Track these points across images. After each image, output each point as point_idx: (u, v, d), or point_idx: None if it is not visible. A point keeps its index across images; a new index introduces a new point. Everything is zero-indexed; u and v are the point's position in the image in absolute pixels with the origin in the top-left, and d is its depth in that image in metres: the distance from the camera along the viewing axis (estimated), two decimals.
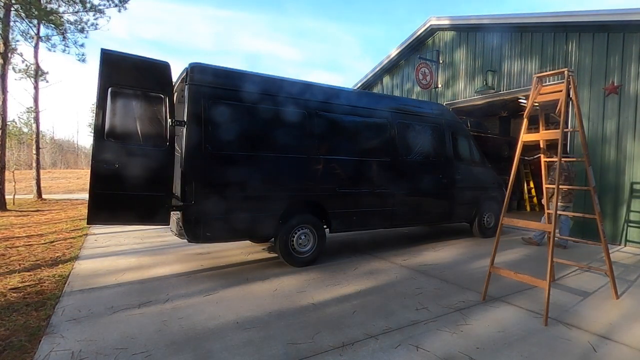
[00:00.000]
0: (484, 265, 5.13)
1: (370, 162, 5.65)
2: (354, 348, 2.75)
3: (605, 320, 3.30)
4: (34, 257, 5.33)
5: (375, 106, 5.87)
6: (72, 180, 27.89)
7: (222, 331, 3.01)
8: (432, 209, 6.46)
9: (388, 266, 5.05)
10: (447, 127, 6.63)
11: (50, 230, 7.60)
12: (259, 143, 4.72)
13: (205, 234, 4.38)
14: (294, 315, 3.34)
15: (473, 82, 9.32)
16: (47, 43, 14.03)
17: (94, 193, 3.87)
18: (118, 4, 13.98)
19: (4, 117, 11.48)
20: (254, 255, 5.63)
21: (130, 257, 5.42)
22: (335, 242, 6.44)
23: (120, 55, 4.02)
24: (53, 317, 3.26)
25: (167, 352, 2.68)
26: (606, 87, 6.73)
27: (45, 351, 2.68)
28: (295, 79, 5.29)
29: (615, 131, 6.66)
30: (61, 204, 13.22)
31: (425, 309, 3.50)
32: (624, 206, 6.50)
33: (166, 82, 4.16)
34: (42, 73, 14.39)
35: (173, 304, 3.60)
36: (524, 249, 6.20)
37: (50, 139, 49.66)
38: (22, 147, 39.58)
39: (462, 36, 9.65)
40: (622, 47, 6.53)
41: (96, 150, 3.86)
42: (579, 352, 2.73)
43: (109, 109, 3.89)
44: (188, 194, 4.24)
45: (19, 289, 3.98)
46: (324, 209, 5.15)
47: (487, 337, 2.94)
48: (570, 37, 7.28)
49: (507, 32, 8.41)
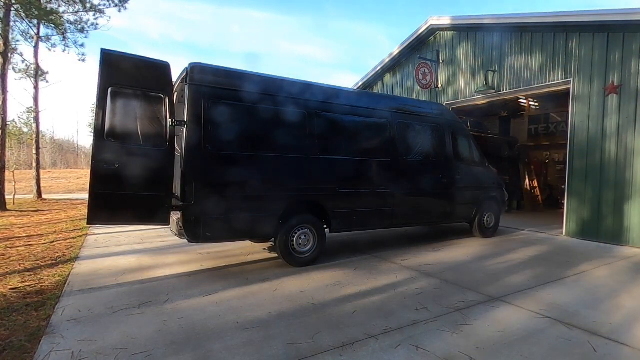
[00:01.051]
0: (484, 265, 5.14)
1: (370, 162, 5.65)
2: (354, 348, 2.75)
3: (606, 321, 3.29)
4: (34, 257, 5.33)
5: (375, 106, 5.87)
6: (72, 180, 27.89)
7: (222, 331, 3.01)
8: (432, 209, 6.46)
9: (388, 266, 5.05)
10: (447, 127, 6.63)
11: (50, 230, 7.60)
12: (259, 143, 4.72)
13: (205, 234, 4.38)
14: (294, 315, 3.34)
15: (473, 82, 9.32)
16: (47, 43, 14.07)
17: (94, 193, 3.87)
18: (118, 3, 14.01)
19: (4, 117, 11.48)
20: (254, 255, 5.62)
21: (130, 257, 5.42)
22: (335, 242, 6.44)
23: (120, 55, 4.02)
24: (53, 317, 3.26)
25: (167, 352, 2.68)
26: (606, 87, 6.73)
27: (45, 351, 2.68)
28: (295, 79, 5.29)
29: (615, 131, 6.66)
30: (61, 204, 13.22)
31: (425, 309, 3.50)
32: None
33: (166, 82, 4.16)
34: (42, 73, 14.41)
35: (173, 304, 3.60)
36: (526, 250, 6.20)
37: (50, 139, 49.65)
38: (22, 147, 39.56)
39: (462, 36, 9.65)
40: (622, 47, 6.52)
41: (96, 150, 3.86)
42: (579, 352, 2.73)
43: (109, 109, 3.88)
44: (188, 194, 4.24)
45: (19, 289, 3.98)
46: (324, 209, 5.15)
47: (487, 337, 2.94)
48: (571, 37, 7.28)
49: (507, 31, 8.41)
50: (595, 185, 6.96)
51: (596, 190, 6.94)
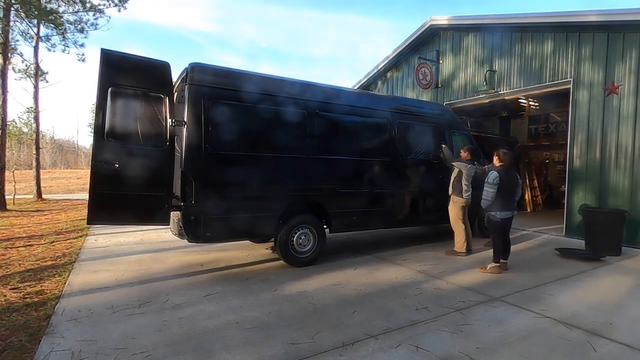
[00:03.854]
0: (484, 265, 5.14)
1: (370, 162, 5.64)
2: (354, 348, 2.75)
3: (606, 321, 3.30)
4: (34, 257, 5.33)
5: (375, 106, 5.87)
6: (72, 180, 27.90)
7: (222, 331, 3.01)
8: (432, 209, 6.44)
9: (388, 266, 5.05)
10: (447, 127, 6.63)
11: (51, 231, 7.60)
12: (259, 143, 4.72)
13: (205, 234, 4.37)
14: (294, 315, 3.34)
15: (473, 82, 9.31)
16: (47, 43, 14.07)
17: (94, 193, 3.87)
18: (118, 3, 14.01)
19: (4, 117, 11.48)
20: (254, 255, 5.62)
21: (130, 257, 5.42)
22: (335, 242, 6.44)
23: (121, 55, 4.02)
24: (53, 317, 3.26)
25: (167, 352, 2.68)
26: (606, 87, 6.72)
27: (45, 351, 2.68)
28: (295, 79, 5.30)
29: (615, 131, 6.65)
30: (61, 204, 13.22)
31: (425, 309, 3.50)
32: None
33: (166, 82, 4.16)
34: (42, 73, 14.40)
35: (173, 303, 3.60)
36: (526, 249, 6.20)
37: (50, 139, 49.64)
38: (22, 147, 39.58)
39: (462, 36, 9.64)
40: (622, 47, 6.52)
41: (96, 150, 3.86)
42: (579, 352, 2.73)
43: (109, 109, 3.89)
44: (188, 194, 4.24)
45: (19, 289, 3.98)
46: (324, 209, 5.15)
47: (487, 337, 2.94)
48: (571, 37, 7.28)
49: (507, 32, 8.40)
50: (595, 186, 6.96)
51: (596, 190, 6.94)
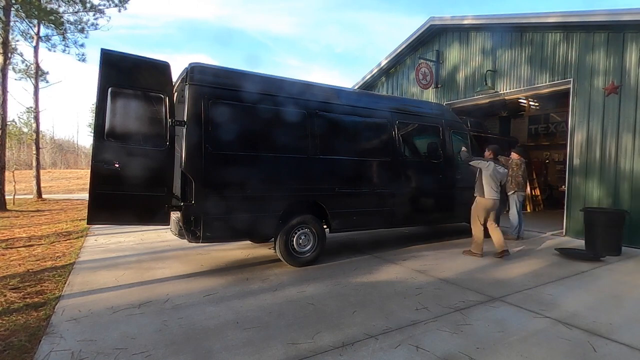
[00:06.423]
0: (484, 265, 5.14)
1: (370, 162, 5.64)
2: (354, 348, 2.75)
3: (606, 321, 3.30)
4: (34, 258, 5.33)
5: (375, 106, 5.87)
6: (72, 180, 27.90)
7: (222, 331, 3.01)
8: (432, 209, 6.45)
9: (388, 266, 5.05)
10: (447, 127, 6.63)
11: (51, 231, 7.60)
12: (259, 143, 4.72)
13: (205, 234, 4.37)
14: (294, 315, 3.34)
15: (473, 82, 9.31)
16: (47, 43, 14.09)
17: (94, 193, 3.86)
18: (118, 4, 14.02)
19: (4, 117, 11.48)
20: (254, 255, 5.62)
21: (130, 257, 5.42)
22: (335, 242, 6.44)
23: (121, 55, 4.02)
24: (53, 317, 3.26)
25: (167, 352, 2.68)
26: (606, 87, 6.72)
27: (45, 351, 2.68)
28: (295, 79, 5.30)
29: (615, 131, 6.65)
30: (61, 204, 13.22)
31: (425, 309, 3.50)
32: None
33: (166, 82, 4.16)
34: (42, 73, 14.43)
35: (173, 304, 3.60)
36: (526, 250, 6.20)
37: (50, 139, 49.66)
38: (22, 147, 39.60)
39: (462, 36, 9.64)
40: (622, 47, 6.52)
41: (96, 150, 3.86)
42: (579, 352, 2.73)
43: (109, 109, 3.88)
44: (188, 194, 4.24)
45: (19, 289, 3.98)
46: (324, 209, 5.15)
47: (487, 337, 2.94)
48: (570, 37, 7.28)
49: (507, 32, 8.40)
50: (595, 186, 6.96)
51: (596, 190, 6.94)
